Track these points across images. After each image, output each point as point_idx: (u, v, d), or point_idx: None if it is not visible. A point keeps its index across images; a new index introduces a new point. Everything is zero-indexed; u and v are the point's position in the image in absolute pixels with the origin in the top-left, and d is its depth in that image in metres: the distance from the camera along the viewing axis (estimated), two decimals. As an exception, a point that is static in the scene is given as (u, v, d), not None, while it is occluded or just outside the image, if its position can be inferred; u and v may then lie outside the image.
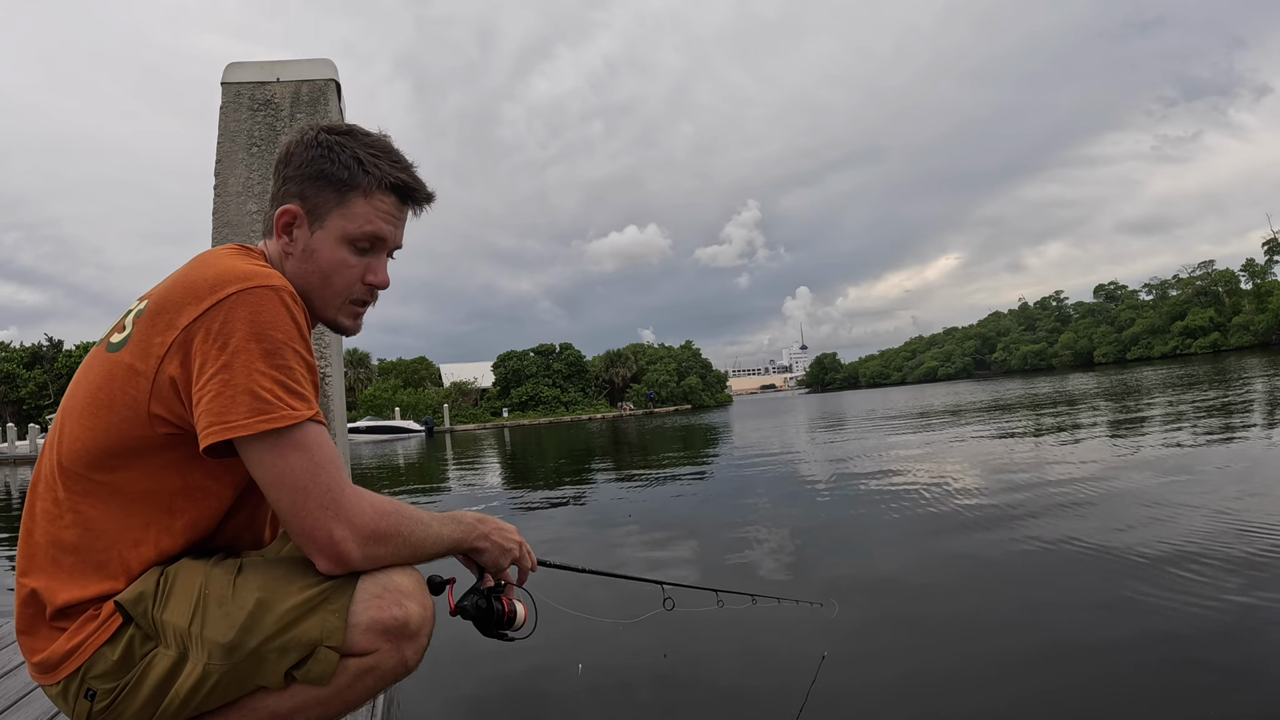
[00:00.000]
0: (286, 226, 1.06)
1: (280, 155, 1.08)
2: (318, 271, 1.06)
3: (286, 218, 1.06)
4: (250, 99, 2.66)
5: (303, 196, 1.05)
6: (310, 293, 1.07)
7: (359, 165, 1.04)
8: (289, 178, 1.06)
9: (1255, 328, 69.01)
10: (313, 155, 1.04)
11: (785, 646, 2.56)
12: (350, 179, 1.04)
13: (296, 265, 1.07)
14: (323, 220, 1.05)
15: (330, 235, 1.06)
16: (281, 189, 1.07)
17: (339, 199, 1.05)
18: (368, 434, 37.00)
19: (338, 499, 0.92)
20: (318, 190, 1.05)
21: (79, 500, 0.92)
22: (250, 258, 1.02)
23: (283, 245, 1.07)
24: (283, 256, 1.08)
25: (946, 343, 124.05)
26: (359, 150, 1.05)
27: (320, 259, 1.06)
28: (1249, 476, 5.00)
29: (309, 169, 1.04)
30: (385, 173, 1.06)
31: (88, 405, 0.94)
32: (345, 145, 1.05)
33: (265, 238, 1.12)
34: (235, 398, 0.88)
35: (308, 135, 1.07)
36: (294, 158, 1.06)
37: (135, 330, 0.94)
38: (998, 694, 2.08)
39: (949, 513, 4.78)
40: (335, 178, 1.04)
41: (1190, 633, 2.37)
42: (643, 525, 5.47)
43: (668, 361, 70.20)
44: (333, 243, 1.06)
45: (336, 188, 1.04)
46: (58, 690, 0.91)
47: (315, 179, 1.04)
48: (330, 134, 1.06)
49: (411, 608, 0.96)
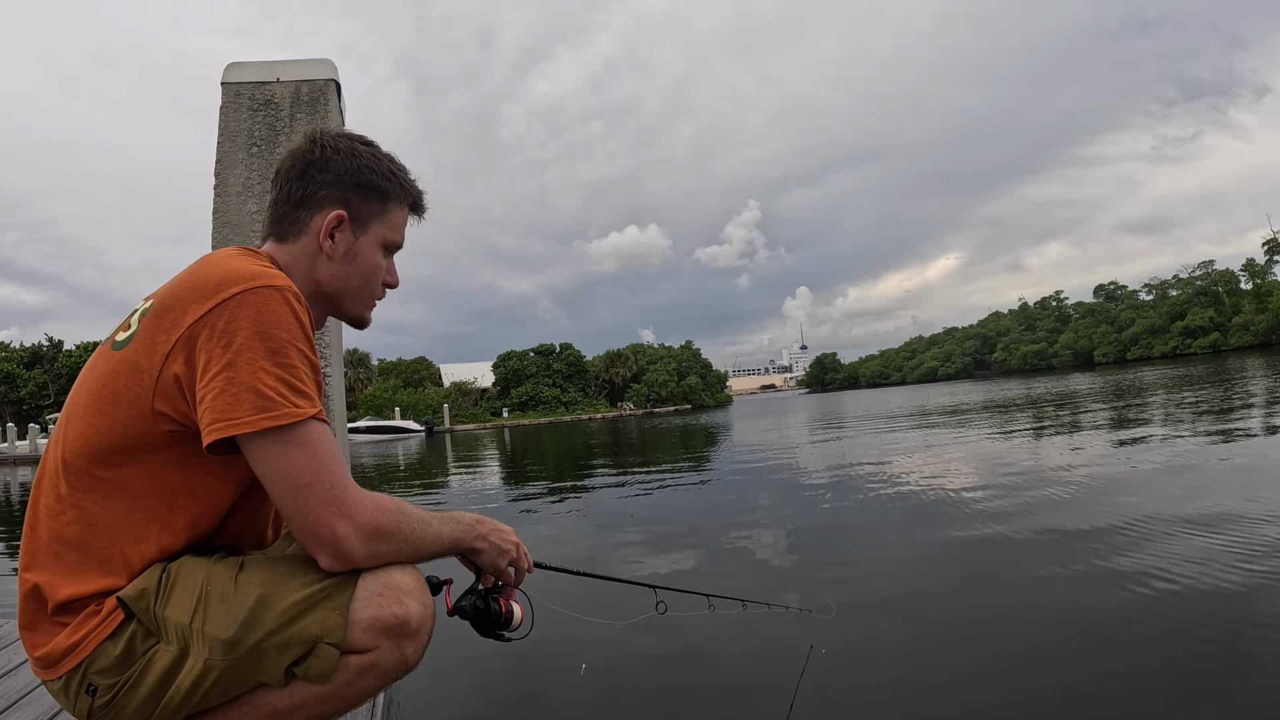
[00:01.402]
0: (331, 230, 1.10)
1: (310, 158, 1.10)
2: (359, 273, 1.14)
3: (335, 221, 1.10)
4: (250, 99, 2.67)
5: (348, 203, 1.11)
6: (346, 293, 1.15)
7: (395, 178, 1.14)
8: (329, 183, 1.09)
9: (1255, 328, 69.02)
10: (356, 164, 1.11)
11: (774, 650, 2.57)
12: (390, 190, 1.14)
13: (335, 267, 1.12)
14: (367, 226, 1.13)
15: (373, 240, 1.14)
16: (319, 193, 1.09)
17: (382, 208, 1.14)
18: (368, 434, 37.00)
19: (341, 496, 0.93)
20: (364, 198, 1.12)
21: (82, 496, 0.93)
22: (255, 259, 1.02)
23: (325, 248, 1.10)
24: (314, 257, 1.10)
25: (946, 343, 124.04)
26: (389, 163, 1.15)
27: (362, 262, 1.14)
28: (1249, 475, 5.00)
29: (354, 177, 1.11)
30: (410, 187, 1.18)
31: (92, 402, 0.94)
32: (380, 157, 1.14)
33: (273, 238, 1.12)
34: (239, 395, 0.88)
35: (343, 143, 1.11)
36: (332, 163, 1.09)
37: (140, 328, 0.95)
38: (995, 693, 2.09)
39: (946, 513, 4.78)
40: (380, 188, 1.13)
41: (1189, 633, 2.37)
42: (640, 527, 5.48)
43: (668, 361, 70.21)
44: (374, 247, 1.14)
45: (381, 197, 1.13)
46: (59, 685, 0.92)
47: (361, 187, 1.11)
48: (363, 144, 1.14)
49: (412, 606, 0.97)
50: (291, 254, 1.10)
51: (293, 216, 1.10)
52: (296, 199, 1.10)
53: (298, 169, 1.09)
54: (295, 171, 1.10)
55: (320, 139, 1.11)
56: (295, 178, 1.10)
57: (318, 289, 1.12)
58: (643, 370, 69.68)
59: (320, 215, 1.09)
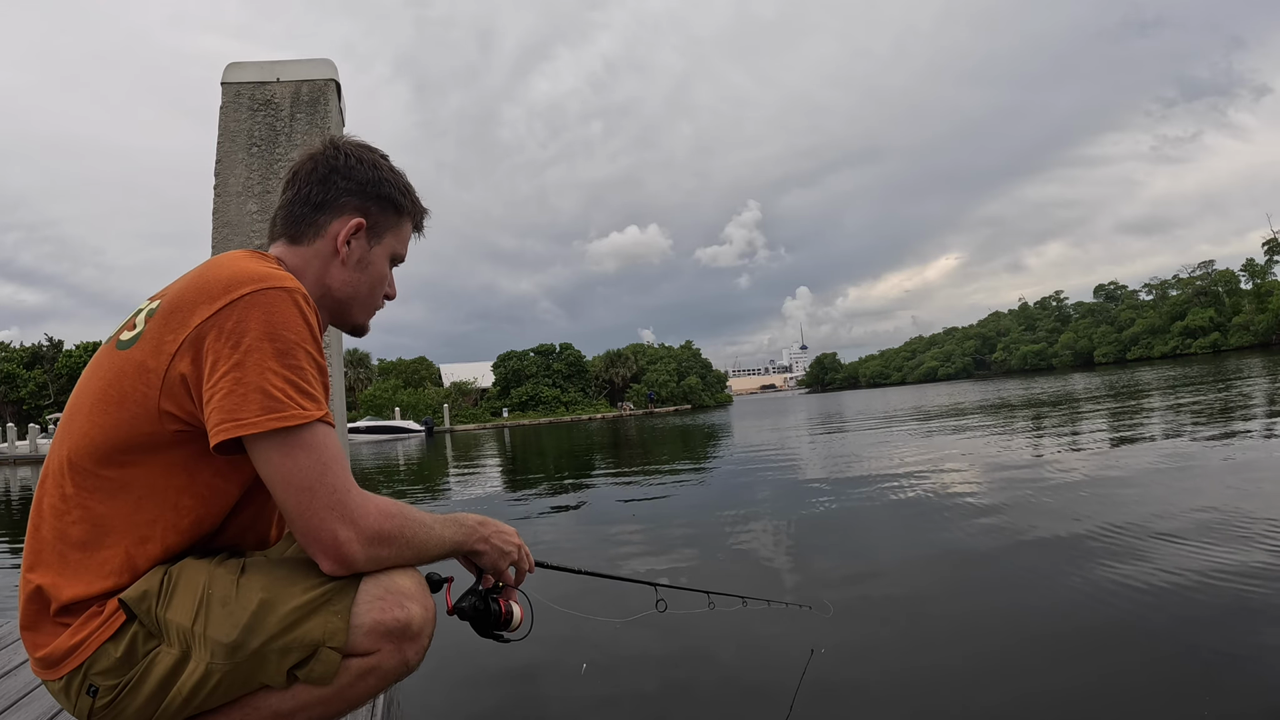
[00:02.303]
0: (349, 236, 1.12)
1: (335, 164, 1.11)
2: (368, 281, 1.16)
3: (355, 227, 1.11)
4: (250, 99, 2.67)
5: (366, 212, 1.13)
6: (354, 300, 1.16)
7: (407, 195, 1.18)
8: (351, 191, 1.12)
9: (1255, 328, 68.99)
10: (378, 176, 1.14)
11: (775, 648, 2.57)
12: (403, 205, 1.18)
13: (348, 273, 1.13)
14: (380, 237, 1.16)
15: (384, 251, 1.17)
16: (340, 199, 1.11)
17: (396, 221, 1.18)
18: (368, 434, 37.00)
19: (343, 500, 0.93)
20: (382, 209, 1.15)
21: (87, 496, 0.93)
22: (264, 261, 1.02)
23: (342, 253, 1.11)
24: (327, 262, 1.11)
25: (946, 343, 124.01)
26: (404, 181, 1.19)
27: (373, 270, 1.16)
28: (1249, 474, 5.00)
29: (375, 189, 1.13)
30: (419, 206, 1.22)
31: (97, 401, 0.94)
32: (397, 172, 1.18)
33: (284, 239, 1.12)
34: (247, 396, 0.88)
35: (365, 154, 1.14)
36: (355, 172, 1.12)
37: (147, 328, 0.95)
38: (994, 692, 2.09)
39: (946, 512, 4.78)
40: (396, 202, 1.16)
41: (1189, 633, 2.37)
42: (640, 526, 5.47)
43: (668, 361, 70.18)
44: (384, 258, 1.18)
45: (396, 211, 1.17)
46: (60, 686, 0.92)
47: (380, 199, 1.14)
48: (384, 159, 1.17)
49: (413, 609, 0.97)
50: (304, 257, 1.10)
51: (310, 219, 1.10)
52: (316, 202, 1.10)
53: (320, 173, 1.10)
54: (318, 175, 1.10)
55: (344, 146, 1.13)
56: (317, 181, 1.10)
57: (327, 293, 1.13)
58: (643, 370, 69.64)
59: (340, 221, 1.11)
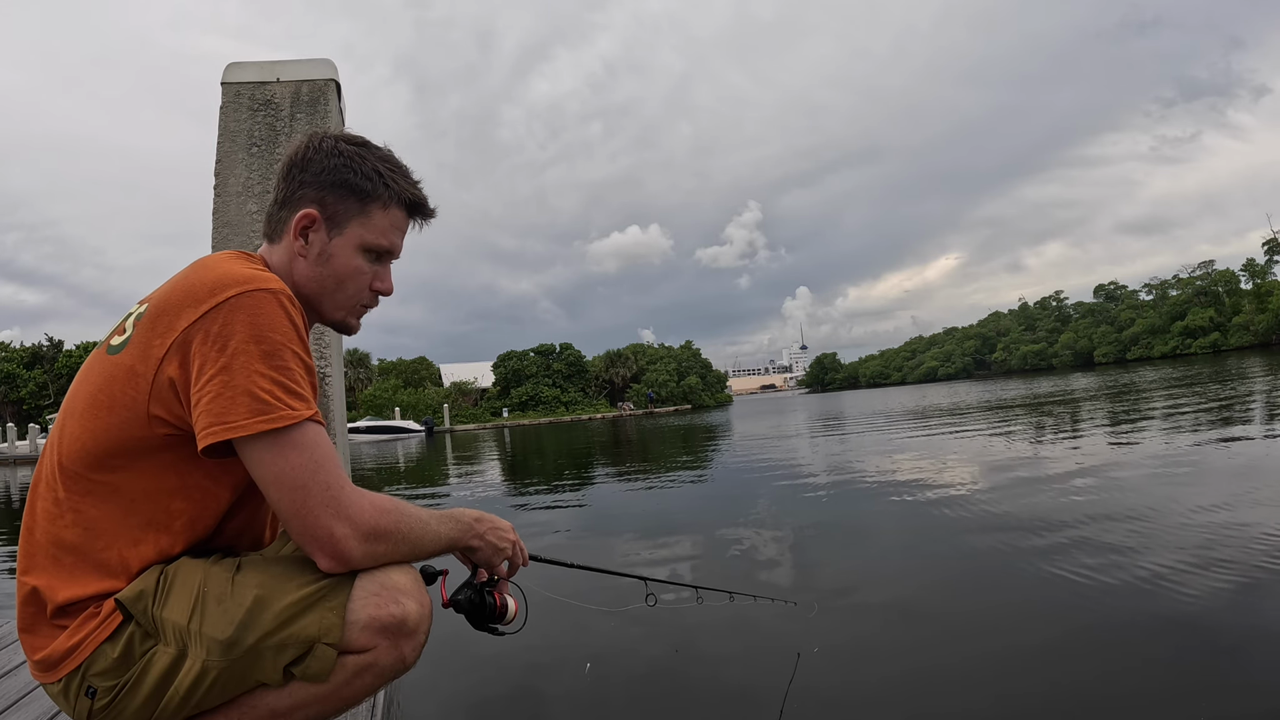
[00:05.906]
0: (304, 230, 1.08)
1: (294, 159, 1.09)
2: (333, 276, 1.10)
3: (305, 221, 1.07)
4: (250, 99, 2.67)
5: (322, 203, 1.08)
6: (322, 295, 1.11)
7: (380, 178, 1.09)
8: (306, 182, 1.07)
9: (1255, 328, 68.95)
10: (335, 163, 1.07)
11: (760, 642, 2.61)
12: (372, 190, 1.08)
13: (310, 268, 1.09)
14: (342, 227, 1.09)
15: (349, 242, 1.09)
16: (297, 193, 1.08)
17: (360, 208, 1.09)
18: (368, 434, 36.97)
19: (338, 497, 0.93)
20: (340, 198, 1.07)
21: (79, 500, 0.93)
22: (249, 262, 1.03)
23: (297, 248, 1.08)
24: (293, 258, 1.09)
25: (946, 343, 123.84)
26: (378, 164, 1.09)
27: (336, 264, 1.10)
28: (1250, 474, 5.00)
29: (331, 176, 1.07)
30: (402, 189, 1.11)
31: (88, 406, 0.95)
32: (365, 157, 1.09)
33: (268, 239, 1.12)
34: (235, 398, 0.89)
35: (327, 143, 1.08)
36: (312, 163, 1.07)
37: (135, 333, 0.95)
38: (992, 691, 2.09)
39: (942, 511, 4.77)
40: (358, 188, 1.07)
41: (1188, 633, 2.37)
42: (637, 523, 5.48)
43: (668, 361, 70.12)
44: (350, 250, 1.10)
45: (359, 197, 1.08)
46: (58, 688, 0.92)
47: (337, 186, 1.07)
48: (350, 144, 1.09)
49: (409, 605, 0.97)
50: (278, 255, 1.10)
51: (277, 217, 1.10)
52: (280, 199, 1.10)
53: (284, 170, 1.09)
54: (282, 172, 1.10)
55: (311, 139, 1.10)
56: (281, 178, 1.10)
57: (297, 290, 1.09)
58: (643, 370, 69.60)
59: (297, 216, 1.08)
